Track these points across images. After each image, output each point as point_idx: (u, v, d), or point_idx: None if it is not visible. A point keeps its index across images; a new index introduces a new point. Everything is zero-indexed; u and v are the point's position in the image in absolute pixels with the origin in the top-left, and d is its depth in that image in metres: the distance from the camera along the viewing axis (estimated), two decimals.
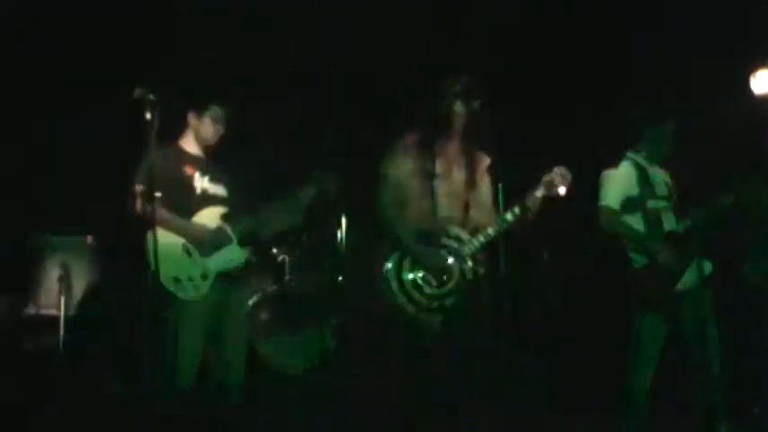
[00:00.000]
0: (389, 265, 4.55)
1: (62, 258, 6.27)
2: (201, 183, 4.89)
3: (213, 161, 5.01)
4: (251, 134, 5.17)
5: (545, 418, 5.20)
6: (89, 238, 6.45)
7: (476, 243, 4.53)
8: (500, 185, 4.47)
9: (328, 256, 7.20)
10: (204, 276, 4.71)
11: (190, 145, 4.98)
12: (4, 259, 6.28)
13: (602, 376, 5.69)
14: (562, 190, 4.50)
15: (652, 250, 5.04)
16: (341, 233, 6.88)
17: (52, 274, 6.21)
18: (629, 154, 5.26)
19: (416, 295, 4.49)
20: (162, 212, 4.65)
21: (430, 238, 4.55)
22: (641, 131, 5.29)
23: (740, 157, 6.06)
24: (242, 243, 4.87)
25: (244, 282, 5.06)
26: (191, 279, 4.66)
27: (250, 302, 6.91)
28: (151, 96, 4.35)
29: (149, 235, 4.40)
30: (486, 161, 4.71)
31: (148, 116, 4.36)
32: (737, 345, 5.36)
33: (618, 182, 5.17)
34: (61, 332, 5.97)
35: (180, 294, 4.61)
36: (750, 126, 6.00)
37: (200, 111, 4.92)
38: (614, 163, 5.22)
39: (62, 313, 6.05)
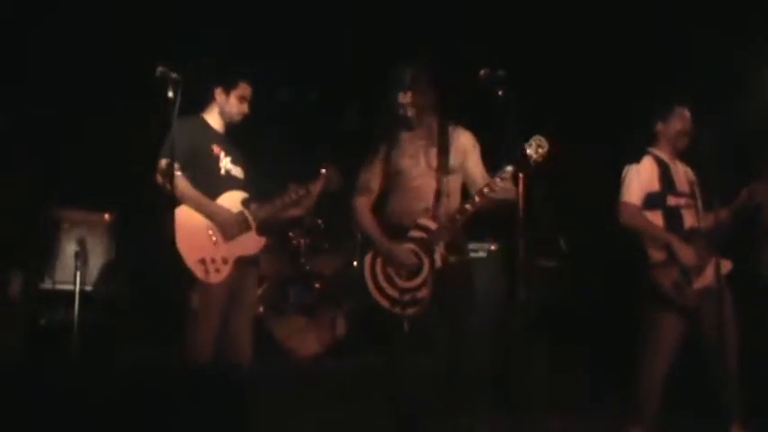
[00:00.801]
0: (366, 259, 4.61)
1: (79, 234, 6.28)
2: (225, 163, 4.87)
3: (232, 142, 4.99)
4: (261, 120, 5.09)
5: (546, 416, 5.18)
6: (106, 215, 6.47)
7: (444, 230, 4.51)
8: (509, 168, 4.36)
9: (344, 241, 7.22)
10: (225, 261, 4.69)
11: (214, 120, 4.94)
12: (22, 234, 6.30)
13: (614, 374, 5.64)
14: (540, 158, 4.34)
15: (670, 247, 4.99)
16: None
17: (69, 249, 6.23)
18: (651, 149, 5.21)
19: (389, 289, 4.52)
20: (190, 190, 4.66)
21: (399, 232, 4.57)
22: (653, 126, 5.24)
23: (763, 154, 6.02)
24: (259, 230, 4.86)
25: (257, 267, 5.03)
26: (213, 262, 4.64)
27: (264, 285, 6.95)
28: (173, 75, 4.33)
29: (178, 213, 4.41)
30: (464, 138, 4.66)
31: (170, 94, 4.35)
32: (756, 346, 5.32)
33: (639, 177, 5.12)
34: (76, 307, 5.99)
35: (201, 276, 4.60)
36: None
37: (229, 87, 4.88)
38: (637, 157, 5.18)
39: (77, 288, 6.07)
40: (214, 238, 4.69)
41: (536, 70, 6.42)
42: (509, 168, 4.38)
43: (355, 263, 4.72)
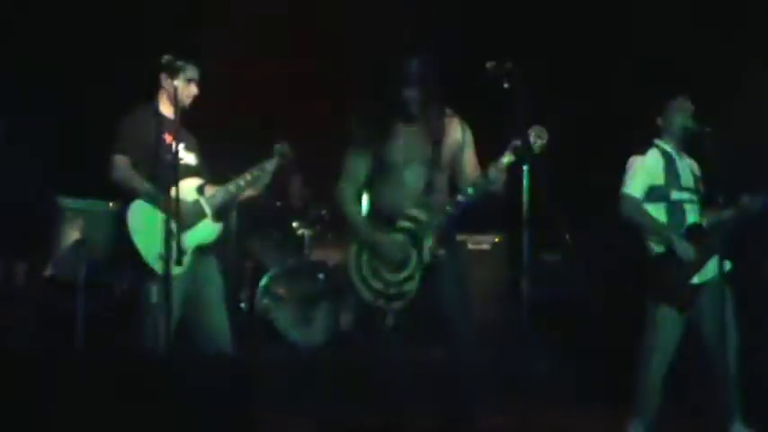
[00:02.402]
0: (351, 250, 4.53)
1: (82, 222, 6.28)
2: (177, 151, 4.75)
3: (183, 127, 4.84)
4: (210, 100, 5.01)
5: (547, 413, 5.19)
6: (110, 204, 6.46)
7: (435, 223, 4.44)
8: (505, 159, 4.35)
9: (348, 232, 7.21)
10: (184, 252, 4.56)
11: (165, 107, 4.82)
12: (25, 221, 6.31)
13: (615, 368, 5.63)
14: (538, 149, 4.30)
15: (670, 241, 4.98)
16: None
17: (72, 238, 6.22)
18: (657, 141, 5.19)
19: (374, 282, 4.45)
20: (144, 185, 4.59)
21: (388, 223, 4.50)
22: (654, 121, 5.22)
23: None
24: (215, 217, 4.80)
25: (214, 251, 4.93)
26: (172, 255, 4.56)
27: (268, 275, 6.96)
28: (179, 63, 4.33)
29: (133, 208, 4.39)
30: (459, 132, 4.60)
31: (176, 83, 4.35)
32: (755, 344, 5.32)
33: (643, 170, 5.09)
34: (80, 296, 5.99)
35: (161, 271, 4.48)
36: None
37: (174, 70, 4.69)
38: (643, 149, 5.16)
39: (80, 277, 6.07)
40: (171, 231, 4.54)
41: (540, 63, 6.40)
42: (504, 160, 4.36)
43: (350, 250, 4.57)
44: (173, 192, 4.57)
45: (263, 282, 6.93)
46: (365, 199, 4.72)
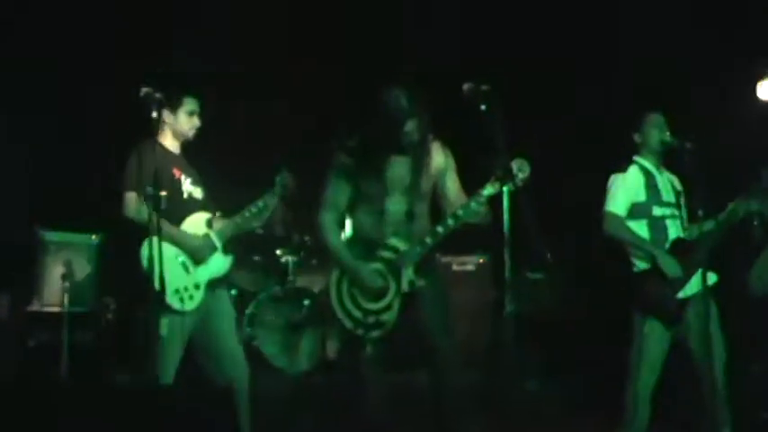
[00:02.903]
0: (332, 278, 4.52)
1: (66, 256, 6.27)
2: (186, 186, 4.81)
3: (188, 160, 4.90)
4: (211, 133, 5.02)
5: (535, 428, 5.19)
6: (93, 236, 6.46)
7: (415, 253, 4.44)
8: (486, 192, 4.34)
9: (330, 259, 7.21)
10: (197, 287, 4.66)
11: (169, 142, 4.84)
12: (9, 256, 6.29)
13: (602, 383, 5.64)
14: (519, 182, 4.27)
15: (655, 258, 5.00)
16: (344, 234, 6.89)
17: (56, 271, 6.21)
18: (636, 158, 5.22)
19: (354, 311, 4.44)
20: (158, 222, 4.58)
21: (368, 252, 4.49)
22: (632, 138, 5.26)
23: (748, 164, 6.05)
24: (225, 249, 4.81)
25: (227, 283, 4.99)
26: (186, 290, 4.60)
27: (253, 303, 6.95)
28: (157, 95, 4.33)
29: (150, 247, 4.27)
30: (441, 157, 4.60)
31: (155, 114, 4.35)
32: (742, 354, 5.33)
33: (624, 187, 5.12)
34: (64, 328, 5.97)
35: (177, 306, 4.55)
36: (758, 133, 6.00)
37: (174, 105, 4.77)
38: (623, 167, 5.18)
39: (65, 310, 6.06)
40: (185, 266, 4.66)
41: (517, 83, 6.44)
42: (485, 192, 4.35)
43: (331, 278, 4.55)
44: (184, 226, 4.68)
45: (249, 309, 6.92)
46: (348, 224, 4.72)
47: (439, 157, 4.60)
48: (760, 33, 6.41)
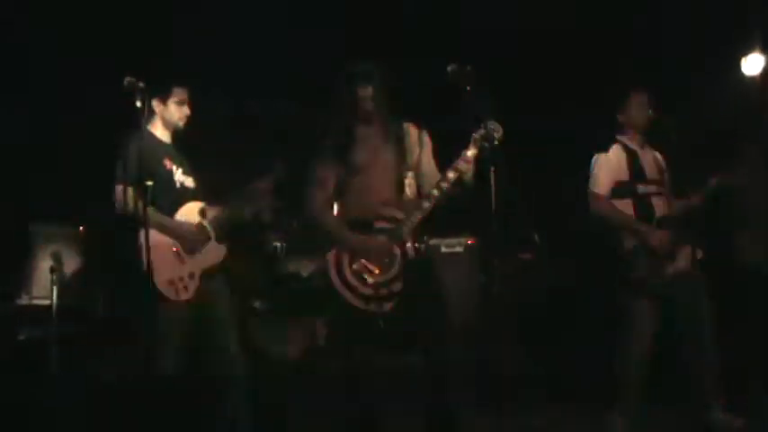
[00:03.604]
0: (329, 258, 4.47)
1: (54, 248, 6.25)
2: (178, 175, 4.81)
3: (179, 151, 4.90)
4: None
5: (525, 410, 5.20)
6: (81, 229, 6.44)
7: (413, 219, 4.41)
8: (470, 152, 4.33)
9: (320, 242, 7.21)
10: (192, 276, 4.66)
11: (159, 132, 4.85)
12: None
13: (594, 364, 5.65)
14: (495, 141, 4.26)
15: (642, 235, 5.02)
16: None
17: (44, 264, 6.19)
18: (618, 137, 5.24)
19: (362, 288, 4.39)
20: (150, 212, 4.54)
21: (364, 226, 4.47)
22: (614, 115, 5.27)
23: (731, 138, 6.07)
24: (218, 238, 4.81)
25: (223, 271, 4.95)
26: (181, 280, 4.60)
27: (241, 290, 6.94)
28: (141, 84, 4.31)
29: (143, 238, 4.29)
30: (416, 136, 4.61)
31: (139, 104, 4.34)
32: (730, 330, 5.35)
33: (608, 166, 5.15)
34: (54, 322, 5.96)
35: (172, 297, 4.55)
36: (742, 108, 6.01)
37: (164, 95, 4.78)
38: (605, 146, 5.20)
39: (54, 303, 6.04)
40: (179, 256, 4.65)
41: (502, 63, 6.43)
42: (469, 152, 4.32)
43: (326, 260, 4.50)
44: (177, 216, 4.67)
45: (237, 297, 6.91)
46: (335, 209, 4.71)
47: (414, 135, 4.60)
48: (744, 8, 6.42)
